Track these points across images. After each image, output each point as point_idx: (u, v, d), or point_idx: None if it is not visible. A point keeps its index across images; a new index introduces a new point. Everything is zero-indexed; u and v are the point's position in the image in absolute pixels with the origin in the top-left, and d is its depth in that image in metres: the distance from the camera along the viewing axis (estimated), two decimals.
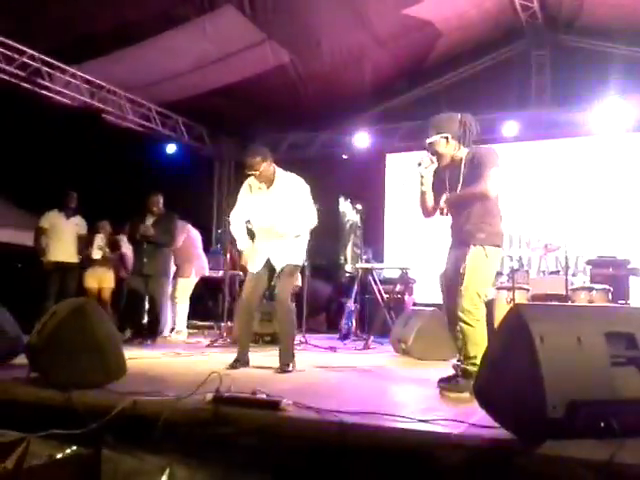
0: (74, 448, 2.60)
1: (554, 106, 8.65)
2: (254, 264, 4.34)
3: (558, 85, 8.76)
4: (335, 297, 9.53)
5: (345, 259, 8.10)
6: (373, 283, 6.67)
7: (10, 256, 7.04)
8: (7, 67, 7.06)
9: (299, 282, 8.91)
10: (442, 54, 8.76)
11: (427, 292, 8.61)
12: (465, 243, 3.37)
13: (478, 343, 3.21)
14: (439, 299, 7.61)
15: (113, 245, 6.97)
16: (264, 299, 4.72)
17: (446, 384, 3.29)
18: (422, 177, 3.48)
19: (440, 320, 5.29)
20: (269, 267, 4.31)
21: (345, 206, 8.08)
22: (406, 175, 9.57)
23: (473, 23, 8.28)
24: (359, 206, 7.84)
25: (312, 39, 7.78)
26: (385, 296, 6.90)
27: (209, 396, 2.54)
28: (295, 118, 9.28)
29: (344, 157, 9.77)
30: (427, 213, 3.62)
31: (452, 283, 3.40)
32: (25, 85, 7.38)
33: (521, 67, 8.97)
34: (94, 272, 6.86)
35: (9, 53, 7.03)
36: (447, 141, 3.39)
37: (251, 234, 4.56)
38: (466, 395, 3.05)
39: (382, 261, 9.05)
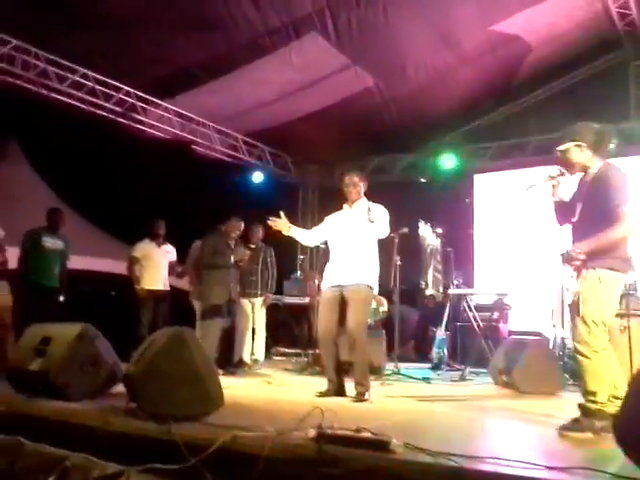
0: None
1: None
2: (326, 280, 4.35)
3: None
4: (423, 324, 9.21)
5: (426, 284, 7.94)
6: (468, 310, 6.35)
7: (105, 284, 7.28)
8: (105, 104, 7.41)
9: (385, 308, 8.74)
10: (532, 69, 8.39)
11: (522, 319, 8.15)
12: (581, 268, 3.11)
13: (598, 377, 2.91)
14: (535, 326, 7.18)
15: None
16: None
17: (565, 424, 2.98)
18: (553, 187, 3.34)
19: (546, 350, 4.95)
20: (339, 289, 4.26)
21: (425, 230, 7.94)
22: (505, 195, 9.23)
23: (564, 35, 7.87)
24: (439, 230, 7.67)
25: (397, 62, 7.67)
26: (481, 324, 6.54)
27: (311, 432, 2.40)
28: (379, 141, 9.18)
29: (422, 180, 9.52)
30: (560, 222, 3.43)
31: (574, 308, 3.12)
32: (121, 120, 7.73)
33: (619, 79, 8.43)
34: None
35: (107, 90, 7.39)
36: (580, 149, 3.18)
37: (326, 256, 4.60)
38: (588, 435, 2.75)
39: (472, 286, 8.68)
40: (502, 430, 3.25)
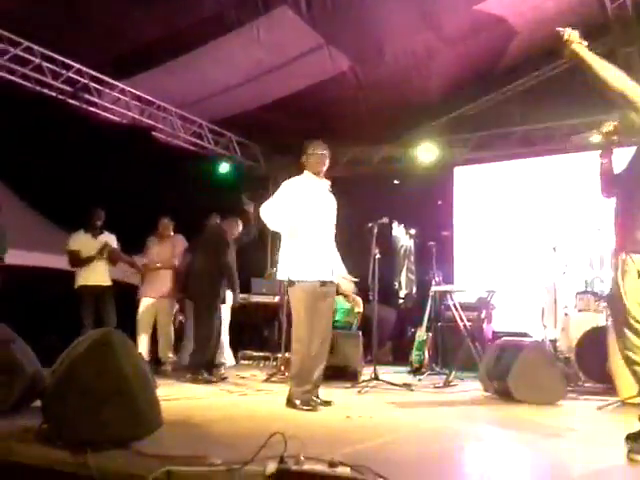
0: None
1: None
2: (321, 273, 3.79)
3: None
4: (400, 324, 8.70)
5: (399, 285, 7.71)
6: (454, 309, 5.82)
7: (46, 281, 6.52)
8: (53, 82, 6.70)
9: (361, 309, 8.18)
10: (517, 55, 7.90)
11: (505, 319, 7.67)
12: (616, 252, 2.57)
13: None
14: (519, 327, 6.69)
15: None
16: None
17: (632, 443, 2.43)
18: (604, 147, 2.96)
19: (545, 354, 4.43)
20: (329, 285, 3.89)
21: (398, 231, 7.65)
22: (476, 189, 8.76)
23: (551, 19, 7.39)
24: (412, 231, 7.46)
25: (374, 42, 7.10)
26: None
27: (271, 467, 1.79)
28: (354, 131, 8.59)
29: (396, 182, 9.02)
30: (607, 193, 3.00)
31: (614, 310, 2.57)
32: (72, 102, 7.02)
33: None
34: None
35: (55, 68, 6.69)
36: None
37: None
38: None
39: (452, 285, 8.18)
40: (520, 457, 2.57)
